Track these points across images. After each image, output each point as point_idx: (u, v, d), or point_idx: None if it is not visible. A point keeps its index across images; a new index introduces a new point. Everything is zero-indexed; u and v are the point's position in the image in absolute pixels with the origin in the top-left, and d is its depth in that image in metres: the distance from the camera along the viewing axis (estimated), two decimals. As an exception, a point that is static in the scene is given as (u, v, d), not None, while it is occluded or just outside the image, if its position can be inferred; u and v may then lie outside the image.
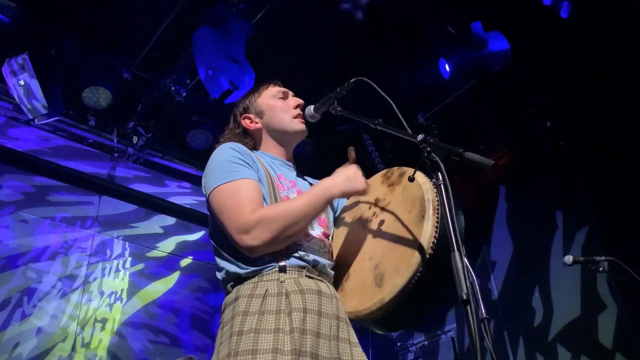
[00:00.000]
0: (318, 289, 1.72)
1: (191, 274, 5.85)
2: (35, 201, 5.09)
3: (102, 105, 5.08)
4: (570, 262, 3.31)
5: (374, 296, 1.69)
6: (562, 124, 5.23)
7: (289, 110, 2.08)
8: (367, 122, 1.87)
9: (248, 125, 2.08)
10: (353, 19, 4.50)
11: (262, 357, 1.54)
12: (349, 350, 1.69)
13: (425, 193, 1.71)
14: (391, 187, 1.90)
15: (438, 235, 1.64)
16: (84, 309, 4.96)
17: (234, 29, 4.55)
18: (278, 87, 2.15)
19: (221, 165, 1.83)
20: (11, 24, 4.28)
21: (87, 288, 5.06)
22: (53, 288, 4.87)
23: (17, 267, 4.74)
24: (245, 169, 1.81)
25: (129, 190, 5.70)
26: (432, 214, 1.67)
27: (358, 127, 5.62)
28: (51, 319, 4.74)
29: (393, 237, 1.76)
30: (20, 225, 4.91)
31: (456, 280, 1.35)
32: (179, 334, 5.45)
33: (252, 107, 2.10)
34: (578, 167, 5.20)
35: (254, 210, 1.70)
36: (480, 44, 4.61)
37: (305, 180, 2.09)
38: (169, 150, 5.87)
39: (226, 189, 1.76)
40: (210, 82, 4.55)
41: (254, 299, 1.67)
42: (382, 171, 2.01)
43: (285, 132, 2.06)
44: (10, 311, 4.56)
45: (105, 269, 5.28)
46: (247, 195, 1.74)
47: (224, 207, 1.75)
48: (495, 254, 5.81)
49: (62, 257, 5.04)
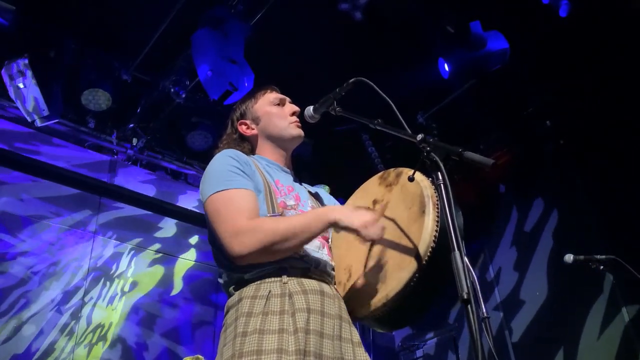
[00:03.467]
0: (321, 289, 1.73)
1: (192, 274, 5.85)
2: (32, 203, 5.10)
3: (102, 107, 5.08)
4: (570, 261, 3.31)
5: (379, 293, 1.70)
6: (562, 123, 5.23)
7: (285, 117, 2.09)
8: (367, 123, 1.87)
9: (244, 131, 2.10)
10: (352, 19, 4.50)
11: (267, 358, 1.55)
12: (351, 350, 1.70)
13: (424, 189, 1.72)
14: (388, 187, 1.90)
15: (439, 229, 1.64)
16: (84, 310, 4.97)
17: (232, 30, 4.55)
18: (275, 93, 2.16)
19: (218, 173, 1.84)
20: (10, 26, 4.28)
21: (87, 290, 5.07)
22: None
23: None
24: (241, 179, 1.81)
25: (129, 192, 5.71)
26: (433, 209, 1.68)
27: (357, 127, 5.63)
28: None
29: (394, 234, 1.76)
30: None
31: (456, 280, 1.36)
32: (181, 335, 5.46)
33: (249, 113, 2.11)
34: (578, 166, 5.20)
35: (248, 218, 1.72)
36: (479, 43, 4.62)
37: (303, 187, 2.08)
38: (169, 151, 5.88)
39: (221, 197, 1.77)
40: (209, 84, 4.55)
41: (257, 300, 1.68)
42: (378, 174, 2.01)
43: (282, 137, 2.07)
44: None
45: (104, 274, 5.28)
46: (241, 204, 1.75)
47: (218, 214, 1.76)
48: (494, 253, 5.82)
49: (60, 259, 5.05)
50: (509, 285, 5.55)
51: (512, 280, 5.53)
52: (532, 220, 5.52)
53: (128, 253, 5.50)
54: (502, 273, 5.68)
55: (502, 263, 5.70)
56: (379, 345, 6.51)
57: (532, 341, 5.16)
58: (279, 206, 1.84)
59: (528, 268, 5.42)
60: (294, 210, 1.88)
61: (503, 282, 5.63)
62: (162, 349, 5.27)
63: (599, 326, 4.68)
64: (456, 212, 1.49)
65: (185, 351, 5.31)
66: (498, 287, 5.66)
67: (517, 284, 5.49)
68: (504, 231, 5.77)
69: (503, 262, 5.70)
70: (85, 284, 5.08)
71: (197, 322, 5.63)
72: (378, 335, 6.49)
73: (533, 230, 5.48)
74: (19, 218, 4.94)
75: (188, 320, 5.59)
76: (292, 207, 1.88)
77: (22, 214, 4.97)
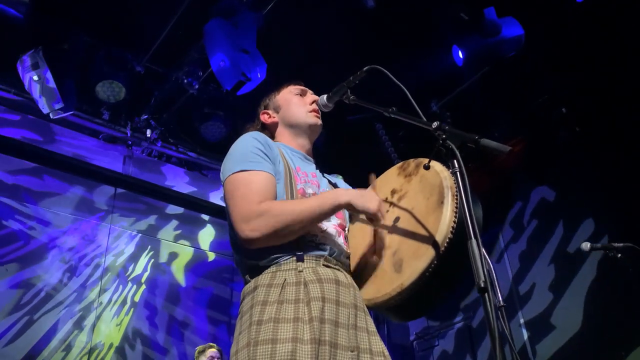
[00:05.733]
0: (336, 278, 1.73)
1: (208, 262, 5.90)
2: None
3: (116, 99, 5.10)
4: (587, 249, 3.29)
5: (394, 281, 1.69)
6: (577, 110, 5.17)
7: (305, 104, 2.11)
8: (381, 111, 1.85)
9: (266, 120, 2.13)
10: (364, 7, 4.47)
11: (282, 346, 1.55)
12: (367, 339, 1.69)
13: (444, 180, 1.70)
14: (408, 177, 1.89)
15: (457, 220, 1.64)
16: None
17: (244, 20, 4.54)
18: (299, 85, 2.19)
19: (241, 153, 1.84)
20: (24, 19, 4.30)
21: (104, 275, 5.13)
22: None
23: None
24: (263, 162, 1.81)
25: (144, 183, 5.75)
26: (451, 200, 1.66)
27: (370, 117, 5.61)
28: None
29: (411, 224, 1.75)
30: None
31: (473, 269, 1.35)
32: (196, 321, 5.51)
33: (271, 103, 2.16)
34: (593, 153, 5.14)
35: (261, 201, 1.71)
36: (493, 30, 4.56)
37: (325, 177, 2.09)
38: (182, 142, 5.90)
39: (239, 178, 1.77)
40: (222, 74, 4.55)
41: (272, 289, 1.68)
42: (397, 164, 2.00)
43: (299, 124, 2.08)
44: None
45: (119, 260, 5.33)
46: (259, 186, 1.75)
47: (234, 194, 1.76)
48: (509, 240, 5.79)
49: (76, 248, 5.11)
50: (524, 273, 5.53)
51: (526, 267, 5.52)
52: (547, 208, 5.48)
53: (141, 242, 5.55)
54: (516, 260, 5.66)
55: (516, 250, 5.68)
56: (393, 335, 6.52)
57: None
58: (298, 192, 1.84)
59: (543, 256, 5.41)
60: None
61: (517, 269, 5.61)
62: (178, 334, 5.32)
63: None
64: (474, 204, 1.47)
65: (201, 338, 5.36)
66: (512, 273, 5.64)
67: (532, 272, 5.47)
68: (518, 218, 5.73)
69: (517, 248, 5.67)
70: (101, 282, 5.14)
71: (213, 308, 5.69)
72: (393, 324, 6.50)
73: (548, 218, 5.44)
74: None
75: (204, 306, 5.65)
76: (311, 195, 1.88)
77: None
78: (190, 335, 5.39)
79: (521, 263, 5.58)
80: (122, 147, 5.78)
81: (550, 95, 5.24)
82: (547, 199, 5.50)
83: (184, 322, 5.43)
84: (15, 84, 4.87)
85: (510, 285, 5.57)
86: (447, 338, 6.19)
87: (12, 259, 4.72)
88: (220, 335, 5.56)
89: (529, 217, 5.65)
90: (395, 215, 1.83)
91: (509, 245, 5.77)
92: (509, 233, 5.80)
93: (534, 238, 5.53)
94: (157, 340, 5.18)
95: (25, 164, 5.10)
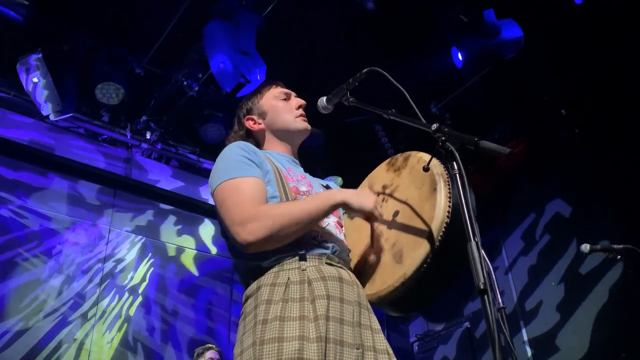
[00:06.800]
0: (339, 275, 1.73)
1: (206, 264, 5.89)
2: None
3: (115, 101, 5.10)
4: (587, 251, 3.28)
5: (396, 272, 1.69)
6: (577, 112, 5.17)
7: (291, 110, 2.09)
8: (381, 113, 1.86)
9: (251, 126, 2.11)
10: (364, 9, 4.47)
11: (289, 345, 1.55)
12: (371, 337, 1.69)
13: (434, 168, 1.71)
14: (397, 172, 1.90)
15: (452, 205, 1.63)
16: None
17: (244, 21, 4.54)
18: (280, 88, 2.16)
19: (227, 163, 1.84)
20: (24, 21, 4.31)
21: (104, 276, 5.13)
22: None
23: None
24: (249, 167, 1.81)
25: (145, 185, 5.74)
26: (444, 186, 1.67)
27: (369, 118, 5.61)
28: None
29: (407, 215, 1.75)
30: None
31: (473, 271, 1.34)
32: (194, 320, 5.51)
33: (255, 108, 2.12)
34: (593, 154, 5.14)
35: (254, 205, 1.71)
36: (493, 31, 4.56)
37: (315, 179, 2.09)
38: (182, 144, 5.90)
39: (228, 186, 1.77)
40: (222, 76, 4.55)
41: (276, 288, 1.67)
42: (385, 161, 2.00)
43: (289, 131, 2.08)
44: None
45: (119, 264, 5.33)
46: (251, 191, 1.75)
47: (226, 201, 1.76)
48: (510, 243, 5.78)
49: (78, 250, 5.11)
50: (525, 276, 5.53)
51: (529, 269, 5.51)
52: (547, 208, 5.47)
53: (143, 244, 5.55)
54: (518, 262, 5.66)
55: (517, 252, 5.67)
56: (393, 336, 6.51)
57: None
58: (292, 191, 1.84)
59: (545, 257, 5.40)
60: (307, 195, 1.87)
61: (519, 272, 5.61)
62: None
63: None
64: (470, 197, 1.47)
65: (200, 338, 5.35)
66: (513, 277, 5.64)
67: (535, 274, 5.46)
68: (519, 220, 5.72)
69: (518, 251, 5.67)
70: (100, 287, 5.13)
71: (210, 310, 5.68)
72: (392, 325, 6.50)
73: (549, 219, 5.42)
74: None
75: (203, 308, 5.64)
76: (305, 192, 1.88)
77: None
78: (187, 336, 5.38)
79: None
80: (121, 149, 5.78)
81: (550, 96, 5.24)
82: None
83: (182, 322, 5.42)
84: (14, 86, 4.87)
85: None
86: (448, 339, 6.18)
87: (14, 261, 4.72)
88: (220, 334, 5.55)
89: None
90: (390, 209, 1.84)
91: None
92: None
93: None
94: (155, 340, 5.17)
95: (24, 165, 5.10)
